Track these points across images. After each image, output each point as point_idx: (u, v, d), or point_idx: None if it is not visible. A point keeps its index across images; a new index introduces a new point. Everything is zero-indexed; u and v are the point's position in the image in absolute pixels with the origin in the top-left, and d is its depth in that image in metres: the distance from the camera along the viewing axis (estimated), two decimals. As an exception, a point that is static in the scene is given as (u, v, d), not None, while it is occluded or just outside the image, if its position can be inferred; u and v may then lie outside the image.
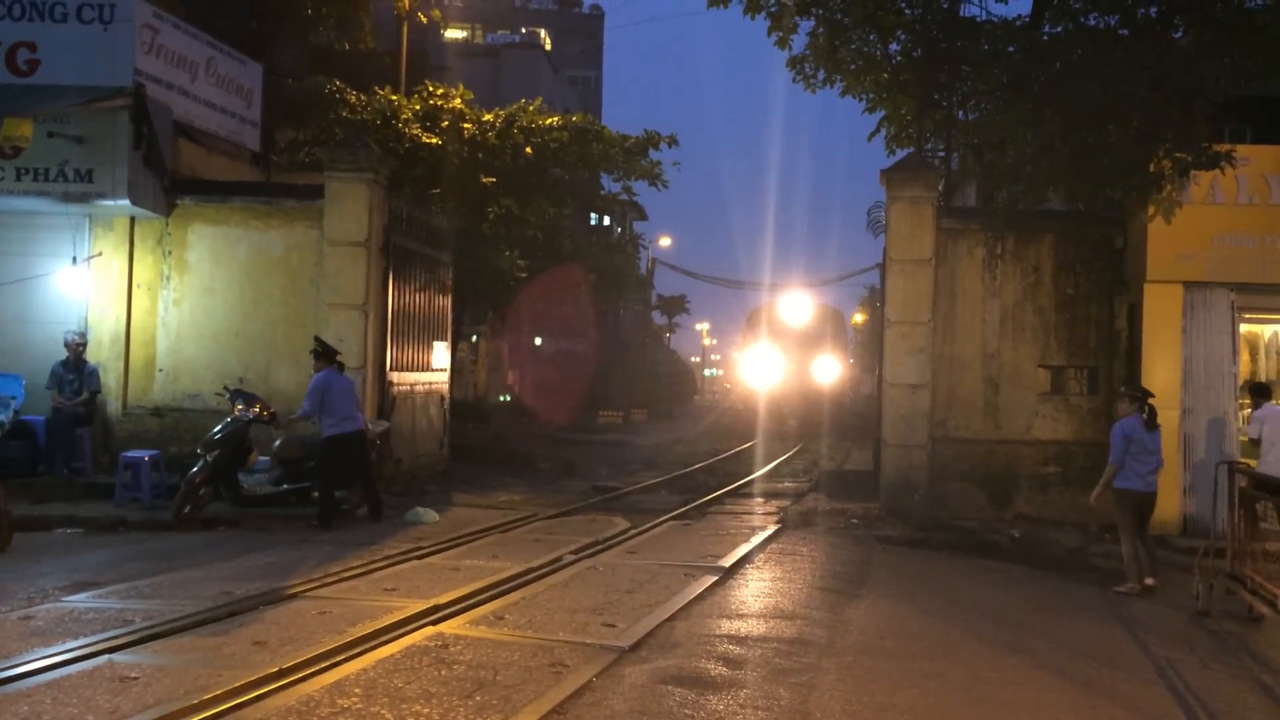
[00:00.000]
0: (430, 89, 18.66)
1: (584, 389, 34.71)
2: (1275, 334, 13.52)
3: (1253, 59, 12.03)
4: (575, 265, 27.30)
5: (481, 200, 18.54)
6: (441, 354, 15.96)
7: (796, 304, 32.64)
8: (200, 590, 7.97)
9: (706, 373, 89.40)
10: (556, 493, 15.38)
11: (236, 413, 11.56)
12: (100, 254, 13.72)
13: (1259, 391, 11.15)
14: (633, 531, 11.57)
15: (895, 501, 12.86)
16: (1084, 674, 6.78)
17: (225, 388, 12.27)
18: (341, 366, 11.93)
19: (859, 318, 35.87)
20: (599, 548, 10.42)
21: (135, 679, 5.71)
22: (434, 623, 7.10)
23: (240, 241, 13.78)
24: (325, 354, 11.68)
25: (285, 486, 11.74)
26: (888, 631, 7.66)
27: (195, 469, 11.28)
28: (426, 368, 15.39)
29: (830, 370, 31.90)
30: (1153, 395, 10.05)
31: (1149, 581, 9.50)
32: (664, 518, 12.69)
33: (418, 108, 18.04)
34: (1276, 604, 7.62)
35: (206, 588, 8.06)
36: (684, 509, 13.58)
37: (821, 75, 14.93)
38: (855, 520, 12.70)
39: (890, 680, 6.37)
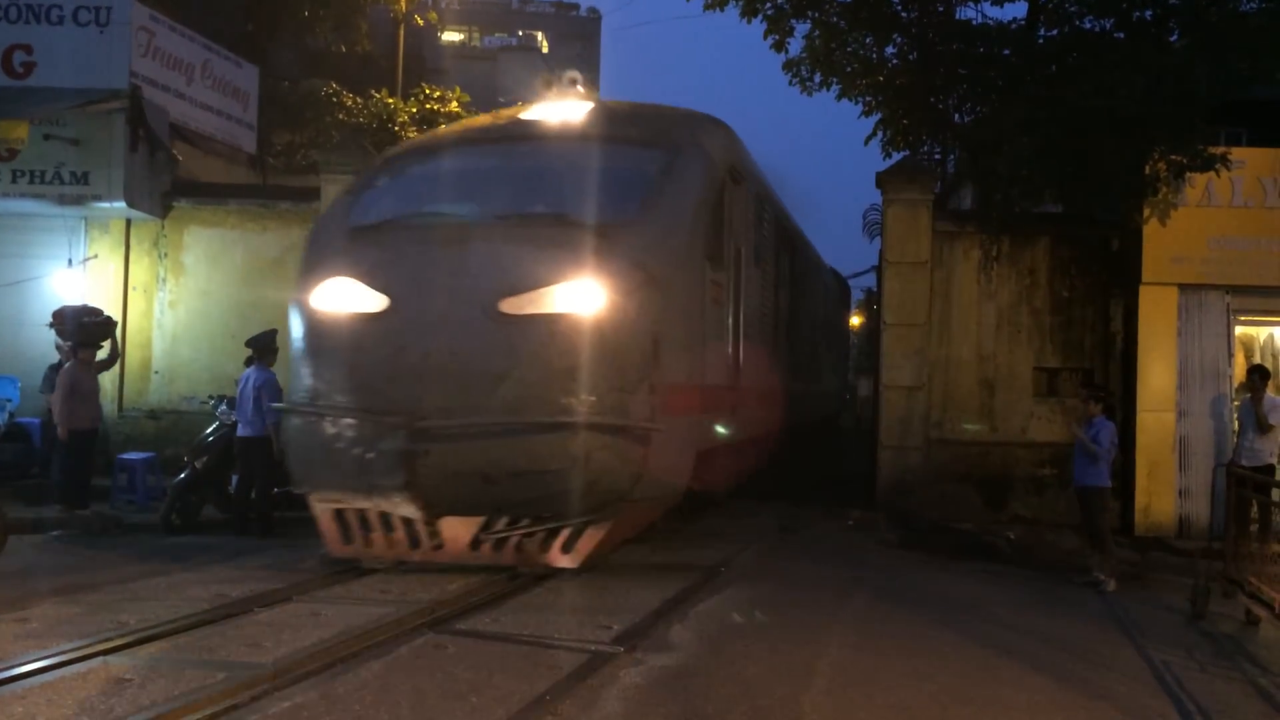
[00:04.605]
0: (427, 92, 18.67)
1: None
2: (1271, 336, 13.55)
3: (1246, 62, 12.07)
4: None
5: (478, 203, 18.52)
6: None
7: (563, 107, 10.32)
8: (195, 592, 7.95)
9: None
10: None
11: (220, 418, 11.52)
12: (96, 256, 13.71)
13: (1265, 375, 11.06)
14: (629, 534, 11.54)
15: (891, 503, 12.86)
16: (1080, 675, 6.78)
17: (210, 396, 12.20)
18: (249, 362, 11.44)
19: (856, 320, 34.83)
20: (595, 550, 10.38)
21: (130, 681, 5.69)
22: (430, 625, 7.09)
23: (236, 244, 13.78)
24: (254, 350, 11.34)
25: (275, 490, 11.67)
26: (882, 632, 7.66)
27: (181, 476, 11.23)
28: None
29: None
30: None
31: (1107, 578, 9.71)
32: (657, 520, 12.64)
33: (414, 110, 18.04)
34: (1274, 607, 7.63)
35: (201, 590, 8.04)
36: (678, 511, 13.52)
37: (818, 78, 14.89)
38: (851, 522, 12.69)
39: (885, 680, 6.37)
